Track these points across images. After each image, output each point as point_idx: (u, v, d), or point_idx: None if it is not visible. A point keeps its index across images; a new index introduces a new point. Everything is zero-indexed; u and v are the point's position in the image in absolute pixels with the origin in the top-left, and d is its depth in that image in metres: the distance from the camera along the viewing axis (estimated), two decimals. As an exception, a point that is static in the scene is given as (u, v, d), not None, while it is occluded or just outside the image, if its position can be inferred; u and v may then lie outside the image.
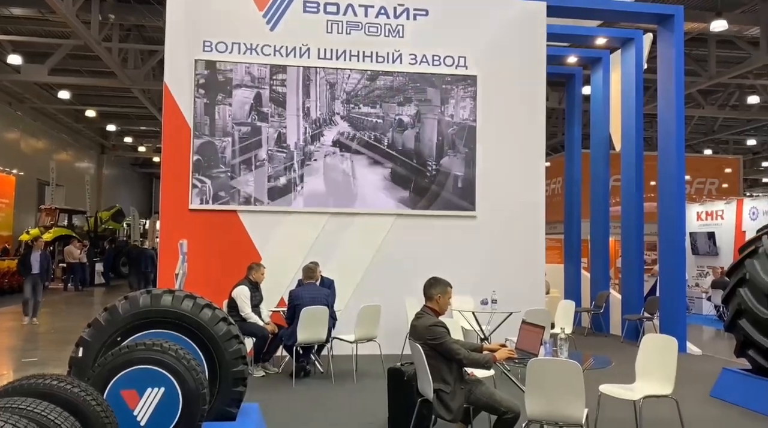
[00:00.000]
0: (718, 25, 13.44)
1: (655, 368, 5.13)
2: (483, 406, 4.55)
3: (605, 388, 5.12)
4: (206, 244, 8.89)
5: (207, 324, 4.19)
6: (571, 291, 12.87)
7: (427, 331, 4.55)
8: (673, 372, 4.98)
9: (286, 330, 7.49)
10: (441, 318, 4.80)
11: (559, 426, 4.42)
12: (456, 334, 6.05)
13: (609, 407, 5.28)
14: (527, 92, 9.93)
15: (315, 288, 7.65)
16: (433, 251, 9.31)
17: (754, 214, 14.96)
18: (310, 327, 7.21)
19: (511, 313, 7.89)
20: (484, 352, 4.72)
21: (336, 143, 9.50)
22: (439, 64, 9.73)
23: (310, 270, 7.75)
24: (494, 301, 8.35)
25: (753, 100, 19.38)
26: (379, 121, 9.60)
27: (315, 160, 9.44)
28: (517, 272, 9.49)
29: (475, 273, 9.24)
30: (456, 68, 9.76)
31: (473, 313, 8.44)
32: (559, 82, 15.19)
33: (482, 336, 8.04)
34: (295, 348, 7.33)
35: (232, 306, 7.53)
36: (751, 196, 18.14)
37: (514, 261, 9.59)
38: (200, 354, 4.17)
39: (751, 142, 25.82)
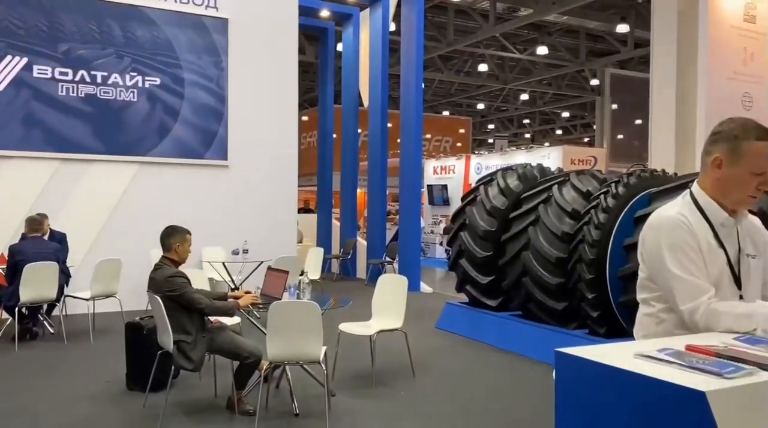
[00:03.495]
0: (455, -5, 14.72)
1: (388, 305, 5.62)
2: (225, 353, 4.57)
3: (344, 326, 5.48)
4: None
5: None
6: (323, 239, 13.44)
7: (166, 283, 4.39)
8: (402, 308, 5.50)
9: (7, 289, 6.65)
10: (186, 269, 4.68)
11: (299, 364, 4.66)
12: (203, 285, 5.94)
13: (348, 343, 5.66)
14: (280, 42, 9.89)
15: (41, 243, 6.87)
16: (182, 202, 8.94)
17: (479, 169, 16.99)
18: (35, 285, 6.48)
19: (262, 262, 7.97)
20: (229, 300, 4.73)
21: (71, 80, 8.49)
22: (188, 3, 9.17)
23: (35, 222, 6.92)
24: (246, 251, 8.38)
25: (483, 67, 21.66)
26: (121, 58, 8.80)
27: (45, 96, 8.35)
28: (270, 222, 9.57)
29: (227, 223, 9.13)
30: (206, 9, 9.30)
31: (223, 264, 8.37)
32: (316, 36, 15.37)
33: (232, 287, 8.03)
34: (17, 308, 6.55)
35: (-66, 265, 6.45)
36: (478, 153, 20.49)
37: (267, 211, 9.64)
38: None
39: (481, 106, 28.99)
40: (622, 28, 15.95)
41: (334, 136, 14.15)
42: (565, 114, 29.67)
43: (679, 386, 1.37)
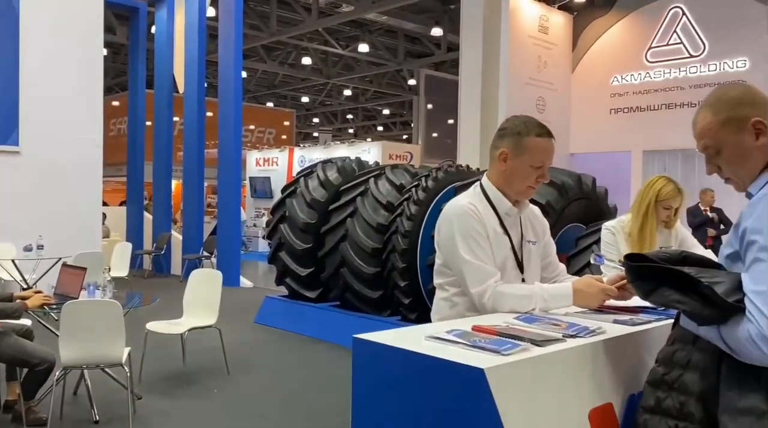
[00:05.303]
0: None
1: (200, 301, 5.39)
2: (11, 360, 4.08)
3: (152, 325, 5.16)
4: None
5: None
6: (134, 234, 12.58)
7: (-67, 282, 3.81)
8: (216, 304, 5.31)
9: None
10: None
11: (100, 368, 4.30)
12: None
13: (158, 343, 5.36)
14: (83, 18, 9.02)
15: None
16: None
17: (302, 161, 16.99)
18: None
19: (60, 259, 7.24)
20: (16, 300, 4.22)
21: None
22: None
23: None
24: (40, 247, 7.57)
25: (306, 61, 21.66)
26: None
27: None
28: (70, 215, 8.70)
29: (18, 216, 8.15)
30: (-9, -25, 8.20)
31: (13, 261, 7.50)
32: (127, 15, 14.29)
33: (24, 286, 7.22)
34: None
35: None
36: (302, 146, 20.49)
37: (67, 203, 8.75)
38: None
39: (305, 99, 28.99)
40: (437, 32, 16.82)
41: (149, 123, 13.29)
42: (386, 111, 30.70)
43: (460, 364, 1.45)
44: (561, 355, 1.61)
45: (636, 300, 2.17)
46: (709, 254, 2.18)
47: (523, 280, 2.22)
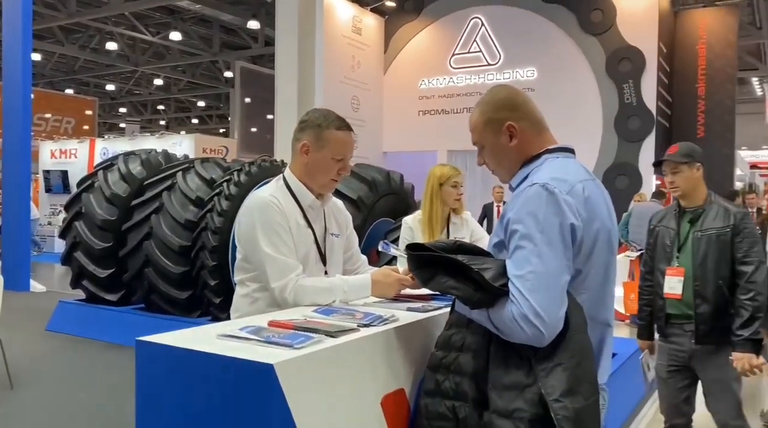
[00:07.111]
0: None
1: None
2: None
3: None
4: None
5: None
6: None
7: None
8: None
9: None
10: None
11: None
12: None
13: None
14: None
15: None
16: None
17: (105, 153, 15.67)
18: None
19: None
20: None
21: None
22: None
23: None
24: None
25: (112, 46, 20.04)
26: None
27: None
28: None
29: None
30: None
31: None
32: None
33: None
34: None
35: None
36: (106, 138, 18.93)
37: None
38: None
39: (111, 87, 26.82)
40: (254, 25, 16.49)
41: None
42: (201, 103, 29.51)
43: (249, 361, 1.41)
44: (354, 345, 1.63)
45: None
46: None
47: (326, 273, 2.24)
